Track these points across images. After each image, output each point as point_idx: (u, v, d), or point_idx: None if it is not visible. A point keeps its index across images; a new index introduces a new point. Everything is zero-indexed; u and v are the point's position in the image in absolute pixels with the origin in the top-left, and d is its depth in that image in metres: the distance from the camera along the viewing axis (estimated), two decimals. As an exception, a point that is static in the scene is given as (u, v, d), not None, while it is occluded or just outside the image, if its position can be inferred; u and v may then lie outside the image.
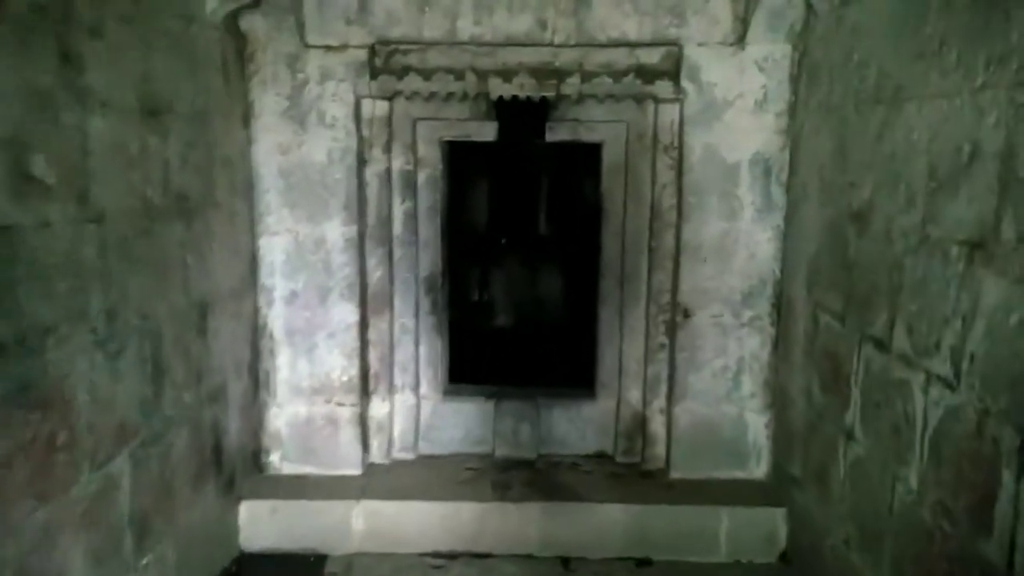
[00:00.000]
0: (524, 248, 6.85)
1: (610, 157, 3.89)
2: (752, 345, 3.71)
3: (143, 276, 2.70)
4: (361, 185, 3.75)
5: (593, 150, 4.02)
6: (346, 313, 3.78)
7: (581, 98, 3.65)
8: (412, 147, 3.84)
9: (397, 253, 3.92)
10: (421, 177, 3.92)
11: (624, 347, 3.97)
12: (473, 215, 6.82)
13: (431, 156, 3.91)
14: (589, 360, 4.19)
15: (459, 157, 4.30)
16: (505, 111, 3.71)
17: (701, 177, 3.63)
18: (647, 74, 3.60)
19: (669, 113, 3.69)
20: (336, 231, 3.71)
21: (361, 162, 3.73)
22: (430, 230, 3.98)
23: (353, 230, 3.72)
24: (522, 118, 3.75)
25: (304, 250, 3.72)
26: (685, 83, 3.57)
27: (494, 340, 6.20)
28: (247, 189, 3.64)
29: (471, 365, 4.61)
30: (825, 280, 3.11)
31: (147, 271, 2.73)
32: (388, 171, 3.81)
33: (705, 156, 3.61)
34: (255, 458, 3.83)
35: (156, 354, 2.79)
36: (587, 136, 3.88)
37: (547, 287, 6.83)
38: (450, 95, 3.65)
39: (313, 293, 3.76)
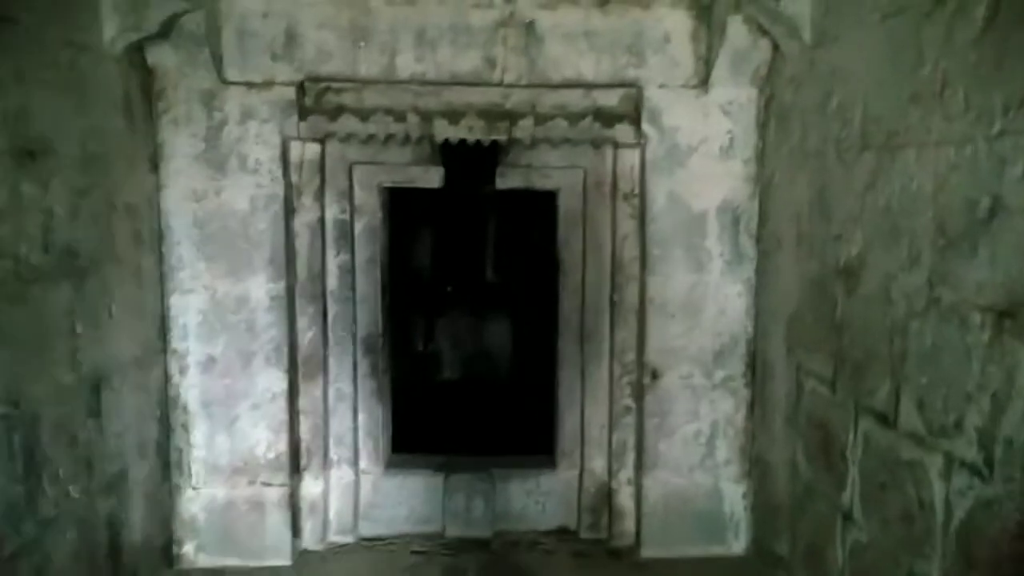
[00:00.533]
0: (473, 301, 6.51)
1: (566, 205, 3.59)
2: (726, 408, 3.41)
3: (14, 354, 2.21)
4: (289, 236, 3.33)
5: (548, 198, 3.72)
6: (273, 380, 3.31)
7: (535, 142, 3.35)
8: (348, 194, 3.45)
9: (332, 311, 3.50)
10: (358, 227, 3.52)
11: (586, 411, 3.61)
12: (418, 266, 6.45)
13: (369, 204, 3.52)
14: (548, 425, 3.82)
15: (401, 205, 3.93)
16: (451, 156, 3.37)
17: (665, 227, 3.35)
18: (605, 117, 3.32)
19: (629, 159, 3.42)
20: (261, 288, 3.27)
21: (289, 211, 3.32)
22: (369, 285, 3.57)
23: (280, 286, 3.29)
24: (470, 163, 3.42)
25: (223, 309, 3.26)
26: (646, 127, 3.31)
27: (442, 401, 5.79)
28: (155, 241, 3.17)
29: (417, 431, 4.18)
30: (808, 341, 2.83)
31: (20, 347, 2.24)
32: (321, 220, 3.40)
33: (669, 204, 3.34)
34: (165, 552, 3.29)
35: (30, 447, 2.28)
36: (541, 183, 3.56)
37: (499, 343, 6.46)
38: (390, 137, 3.29)
39: (234, 358, 3.29)
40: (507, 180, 3.51)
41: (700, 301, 3.37)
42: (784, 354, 3.06)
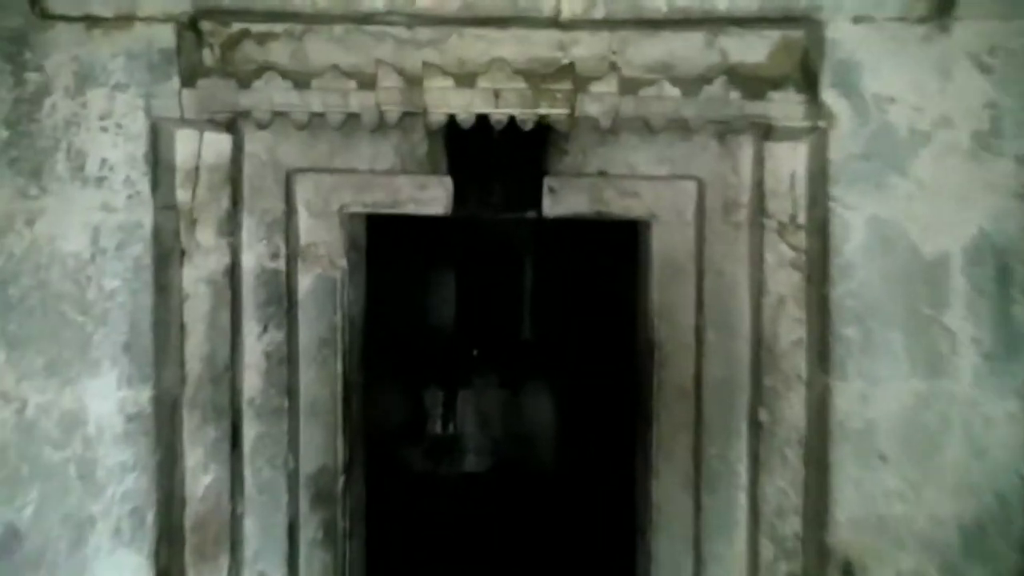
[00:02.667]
0: (506, 367, 4.99)
1: (666, 244, 2.04)
2: (992, 643, 1.76)
3: None
4: (167, 302, 1.83)
5: (629, 229, 2.19)
6: (128, 570, 1.78)
7: (615, 128, 1.81)
8: (284, 225, 1.96)
9: (251, 434, 1.97)
10: (305, 283, 2.03)
11: (706, 619, 2.00)
12: (432, 323, 5.00)
13: (327, 242, 2.03)
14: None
15: (389, 239, 2.43)
16: (463, 151, 1.86)
17: (867, 285, 1.76)
18: (747, 82, 1.79)
19: (789, 159, 1.87)
20: (108, 398, 1.77)
21: (166, 255, 1.82)
22: (321, 383, 2.06)
23: (146, 395, 1.78)
24: (496, 167, 1.91)
25: (37, 438, 1.76)
26: (830, 97, 1.76)
27: (461, 508, 4.31)
28: (-96, 314, 1.70)
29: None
30: None
31: None
32: (231, 273, 1.90)
33: (874, 243, 1.76)
34: None
35: None
36: (621, 206, 2.02)
37: (539, 426, 4.90)
38: (350, 120, 1.79)
39: (56, 530, 1.77)
40: (561, 200, 1.98)
41: (937, 430, 1.75)
42: None
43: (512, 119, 1.69)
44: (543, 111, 1.65)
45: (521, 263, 5.14)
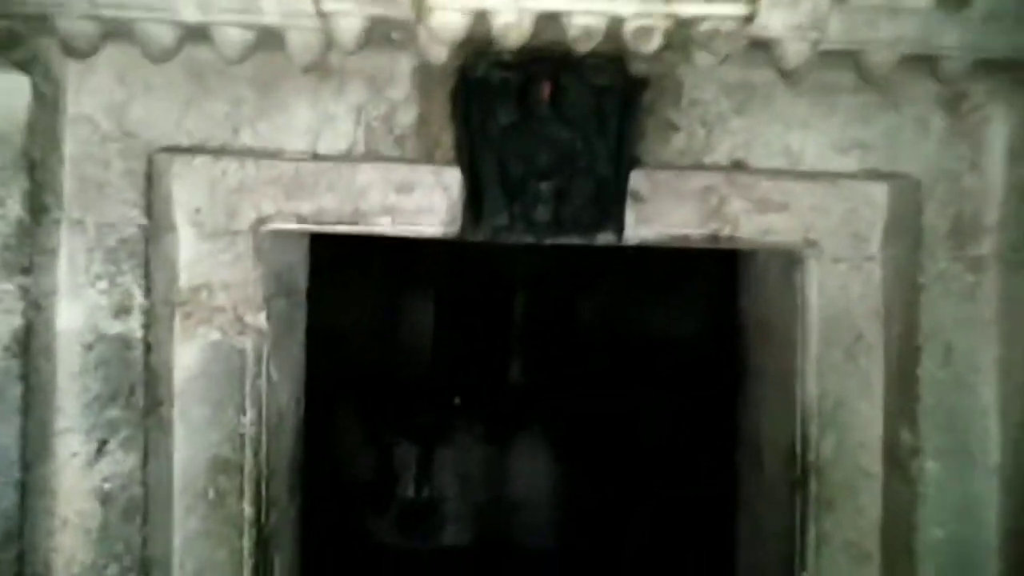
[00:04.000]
0: (499, 417, 4.09)
1: (833, 294, 1.17)
2: None
3: None
4: None
5: (754, 270, 1.32)
6: None
7: (795, 75, 0.93)
8: (147, 252, 1.04)
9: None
10: (185, 359, 1.12)
11: None
12: (403, 361, 4.08)
13: (230, 283, 1.12)
14: None
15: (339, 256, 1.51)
16: (488, 121, 0.95)
17: None
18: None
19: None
20: None
21: None
22: (216, 538, 1.15)
23: None
24: (549, 153, 1.00)
25: None
26: None
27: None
28: None
29: None
30: None
31: None
32: (27, 342, 0.97)
33: None
34: None
35: None
36: (755, 226, 1.16)
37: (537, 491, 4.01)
38: (265, 46, 0.88)
39: None
40: (653, 215, 1.12)
41: None
42: None
43: (584, 59, 0.78)
44: (684, 7, 0.74)
45: (515, 287, 4.27)
